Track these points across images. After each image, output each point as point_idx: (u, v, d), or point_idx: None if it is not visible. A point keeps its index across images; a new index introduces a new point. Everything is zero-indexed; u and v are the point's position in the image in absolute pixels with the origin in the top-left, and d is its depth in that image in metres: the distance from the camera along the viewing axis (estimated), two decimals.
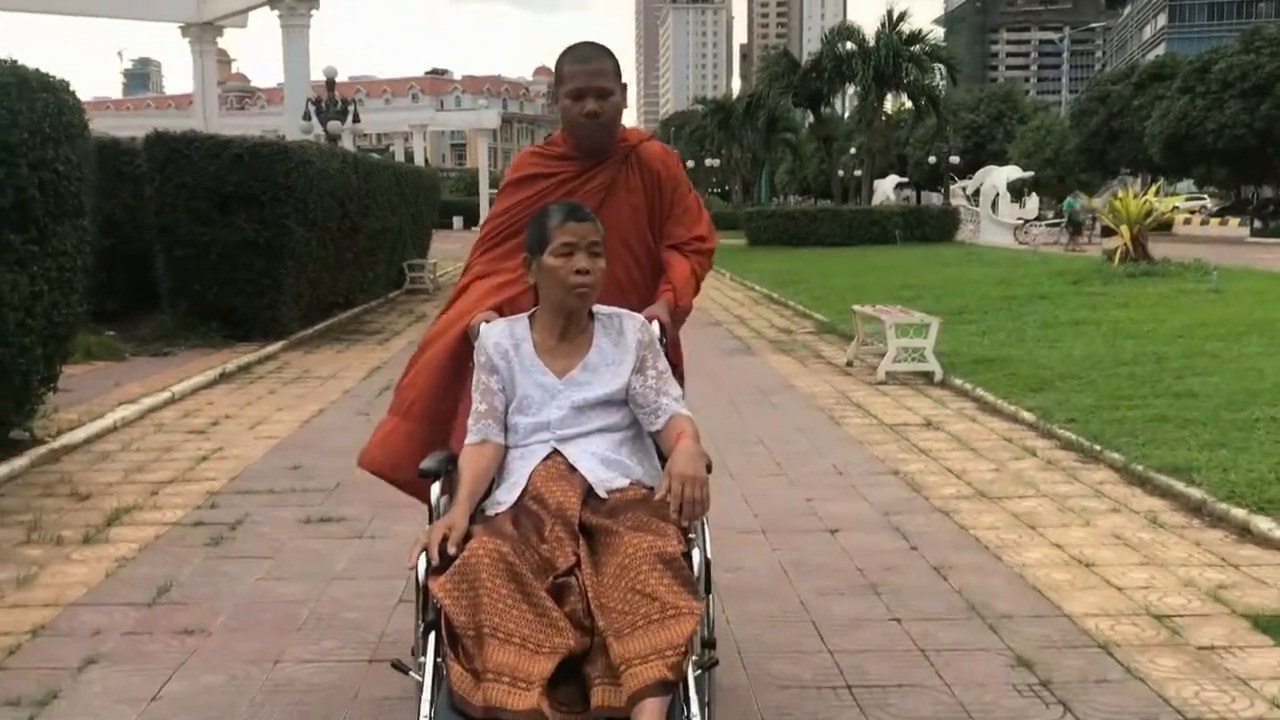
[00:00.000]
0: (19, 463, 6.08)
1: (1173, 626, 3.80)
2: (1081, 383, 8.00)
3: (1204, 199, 63.47)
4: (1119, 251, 16.11)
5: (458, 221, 52.73)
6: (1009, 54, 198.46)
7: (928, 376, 8.97)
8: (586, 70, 2.97)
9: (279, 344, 11.11)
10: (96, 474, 6.08)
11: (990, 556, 4.60)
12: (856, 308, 10.31)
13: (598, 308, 2.76)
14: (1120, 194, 17.50)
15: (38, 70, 6.08)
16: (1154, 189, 17.67)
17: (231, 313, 11.10)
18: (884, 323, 9.26)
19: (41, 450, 6.36)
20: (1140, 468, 5.74)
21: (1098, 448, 6.22)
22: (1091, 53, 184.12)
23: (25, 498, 5.58)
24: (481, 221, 3.13)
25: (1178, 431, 6.38)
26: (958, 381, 8.61)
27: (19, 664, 3.55)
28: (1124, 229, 16.05)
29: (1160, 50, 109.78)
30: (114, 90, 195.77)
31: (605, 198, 3.07)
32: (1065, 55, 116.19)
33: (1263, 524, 4.76)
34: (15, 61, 5.96)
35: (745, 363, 10.46)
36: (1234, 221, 46.87)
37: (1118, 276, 15.00)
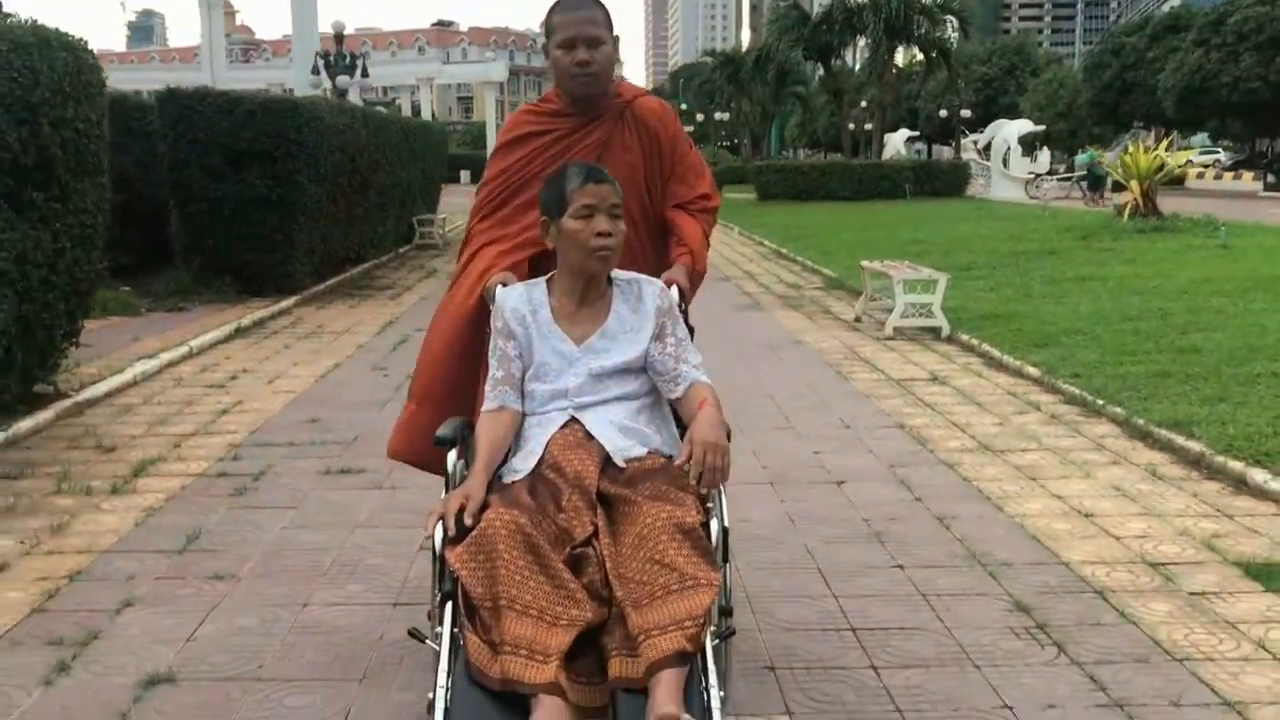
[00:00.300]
0: (44, 416, 6.23)
1: (1166, 574, 3.93)
2: (1086, 338, 8.10)
3: (1218, 153, 63.00)
4: (1129, 207, 16.11)
5: (465, 176, 52.63)
6: (1022, 4, 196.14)
7: (935, 332, 9.07)
8: (577, 19, 2.91)
9: (292, 299, 11.24)
10: (120, 427, 6.24)
11: (992, 507, 4.73)
12: (865, 263, 10.39)
13: (616, 273, 2.72)
14: (1130, 149, 17.46)
15: (57, 30, 6.15)
16: (1165, 143, 17.57)
17: (244, 268, 11.22)
18: (892, 278, 9.35)
19: (65, 404, 6.51)
20: (1141, 422, 5.85)
21: (1100, 402, 6.33)
22: (1106, 3, 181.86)
23: (52, 450, 5.74)
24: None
25: (1179, 386, 6.48)
26: (964, 337, 8.71)
27: (58, 607, 3.72)
28: (1134, 184, 16.04)
29: (1176, 0, 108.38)
30: (118, 43, 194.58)
31: (601, 155, 2.99)
32: (1080, 8, 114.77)
33: (1258, 476, 4.88)
34: (35, 21, 6.03)
35: (754, 318, 10.57)
36: (1247, 176, 46.53)
37: (1127, 232, 15.02)
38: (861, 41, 39.67)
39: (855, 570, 4.01)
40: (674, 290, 2.85)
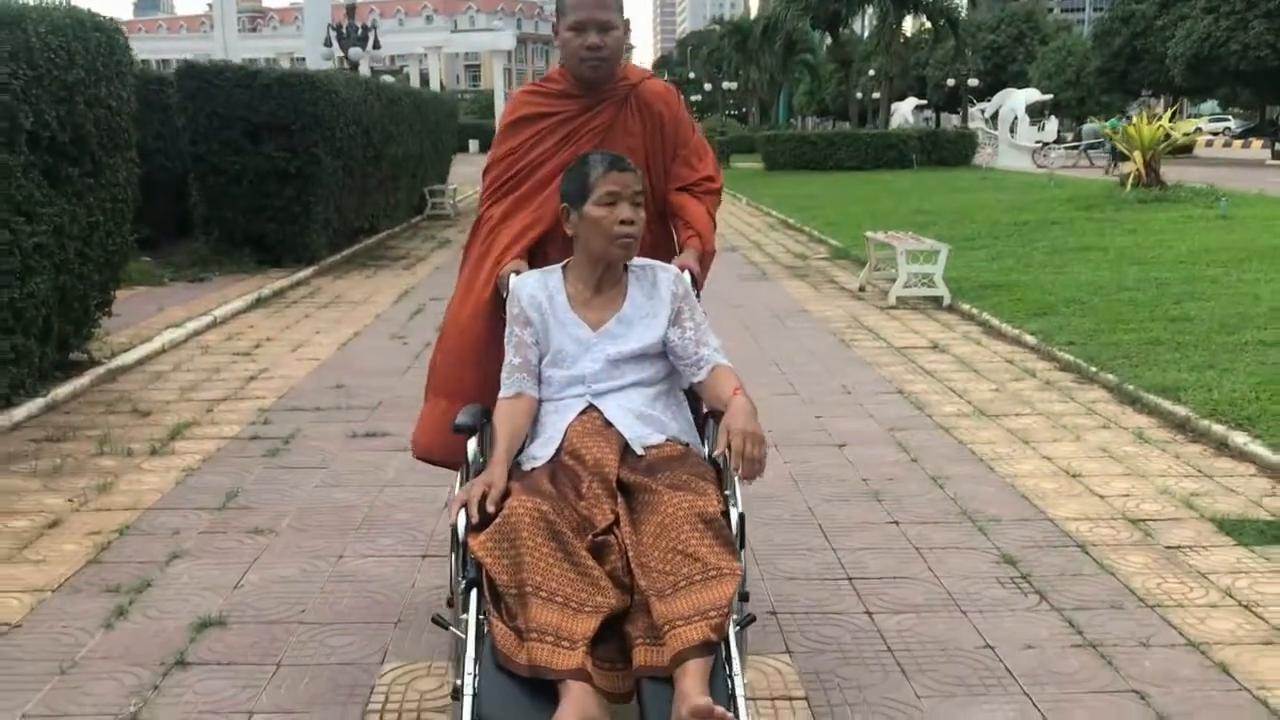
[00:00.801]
0: (81, 382, 6.51)
1: (1146, 529, 4.20)
2: (1084, 307, 8.33)
3: (1228, 120, 62.70)
4: (1132, 177, 16.26)
5: (473, 145, 52.66)
6: None
7: (937, 301, 9.30)
8: (589, 2, 2.90)
9: (309, 269, 11.51)
10: (153, 393, 6.52)
11: (984, 468, 4.99)
12: (869, 234, 10.61)
13: (631, 260, 2.76)
14: (1135, 119, 17.59)
15: (90, 11, 6.38)
16: (1169, 114, 17.68)
17: (263, 239, 11.48)
18: (895, 249, 9.57)
19: (99, 370, 6.79)
20: (1131, 387, 6.10)
21: (1093, 369, 6.57)
22: None
23: (90, 414, 6.02)
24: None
25: (1170, 354, 6.72)
26: (965, 306, 8.95)
27: (112, 558, 4.01)
28: (1136, 155, 16.20)
29: None
30: (125, 11, 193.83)
31: (605, 138, 3.01)
32: None
33: (1239, 438, 5.14)
34: (70, 3, 6.26)
35: (761, 288, 10.81)
36: (1256, 144, 46.39)
37: (1129, 202, 15.20)
38: (870, 10, 39.63)
39: (853, 525, 4.28)
40: (686, 275, 2.87)
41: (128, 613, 3.53)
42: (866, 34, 50.85)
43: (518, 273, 2.87)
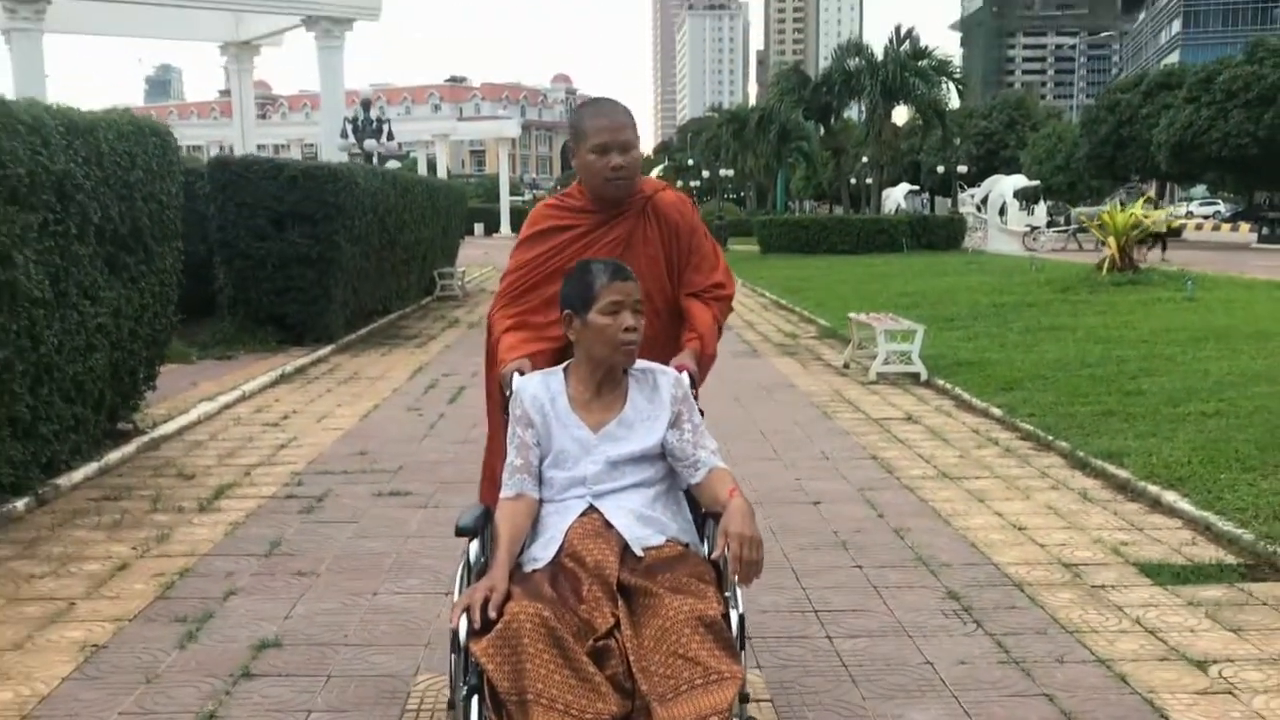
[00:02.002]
0: (128, 449, 7.17)
1: (1076, 572, 4.82)
2: (1047, 383, 9.01)
3: (1218, 204, 64.22)
4: (1107, 261, 17.09)
5: (478, 228, 53.91)
6: (1025, 59, 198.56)
7: (914, 377, 9.99)
8: (611, 125, 3.04)
9: (328, 348, 12.22)
10: (194, 458, 7.17)
11: (942, 522, 5.62)
12: (852, 315, 11.34)
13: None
14: (1109, 207, 18.49)
15: (148, 118, 7.20)
16: (1140, 201, 18.56)
17: (285, 319, 12.21)
18: (875, 329, 10.29)
19: (144, 439, 7.45)
20: (1082, 453, 6.74)
21: (1050, 437, 7.23)
22: (1108, 57, 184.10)
23: (141, 477, 6.66)
24: (501, 275, 3.36)
25: (1120, 424, 7.38)
26: (940, 382, 9.63)
27: (177, 595, 4.63)
28: (1111, 240, 17.04)
29: (1175, 56, 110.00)
30: (136, 97, 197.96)
31: (625, 249, 3.13)
32: (1078, 64, 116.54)
33: (1169, 496, 5.77)
34: (129, 109, 7.06)
35: (751, 364, 11.50)
36: (1245, 227, 47.60)
37: (1104, 285, 15.98)
38: (860, 103, 41.10)
39: (821, 569, 4.90)
40: (685, 376, 2.93)
41: (196, 637, 4.15)
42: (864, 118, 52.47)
43: (521, 371, 2.93)
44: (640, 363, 2.82)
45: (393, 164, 20.48)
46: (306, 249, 11.91)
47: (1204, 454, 6.41)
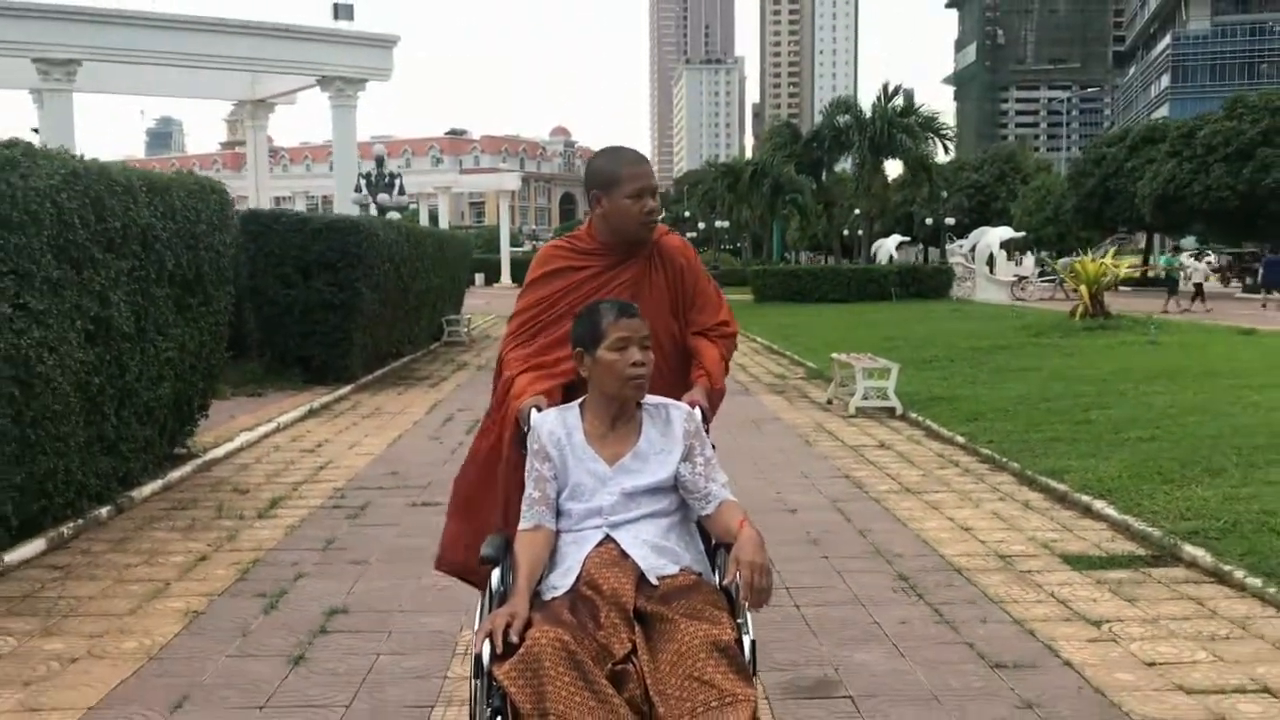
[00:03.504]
0: (186, 470, 8.08)
1: (1008, 561, 5.73)
2: (1008, 415, 9.96)
3: (1209, 255, 65.62)
4: (1079, 308, 18.12)
5: (479, 278, 55.04)
6: (1018, 111, 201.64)
7: (890, 411, 10.93)
8: (642, 172, 3.20)
9: (348, 387, 13.17)
10: (246, 477, 8.09)
11: (900, 525, 6.54)
12: (834, 356, 12.31)
13: (645, 398, 2.91)
14: (1080, 258, 19.61)
15: (210, 178, 8.19)
16: (1110, 252, 19.64)
17: (310, 360, 13.16)
18: (855, 368, 11.25)
19: (198, 461, 8.37)
20: (1030, 472, 7.67)
21: (1004, 459, 8.16)
22: (1100, 110, 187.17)
23: (201, 492, 7.58)
24: (510, 314, 3.48)
25: (1066, 448, 8.32)
26: (913, 415, 10.57)
27: (253, 578, 5.53)
28: (1082, 289, 18.10)
29: (1165, 110, 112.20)
30: (137, 149, 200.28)
31: (635, 291, 3.24)
32: (1070, 117, 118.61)
33: (1099, 504, 6.70)
34: (194, 170, 8.06)
35: (742, 401, 12.43)
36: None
37: (1075, 330, 17.00)
38: (850, 158, 42.51)
39: (794, 559, 5.82)
40: (696, 411, 3.03)
41: (277, 605, 5.06)
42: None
43: (538, 408, 3.02)
44: (653, 398, 2.92)
45: (393, 214, 21.49)
46: (330, 296, 12.88)
47: (1133, 470, 7.35)
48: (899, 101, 39.62)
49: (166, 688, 4.11)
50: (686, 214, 66.76)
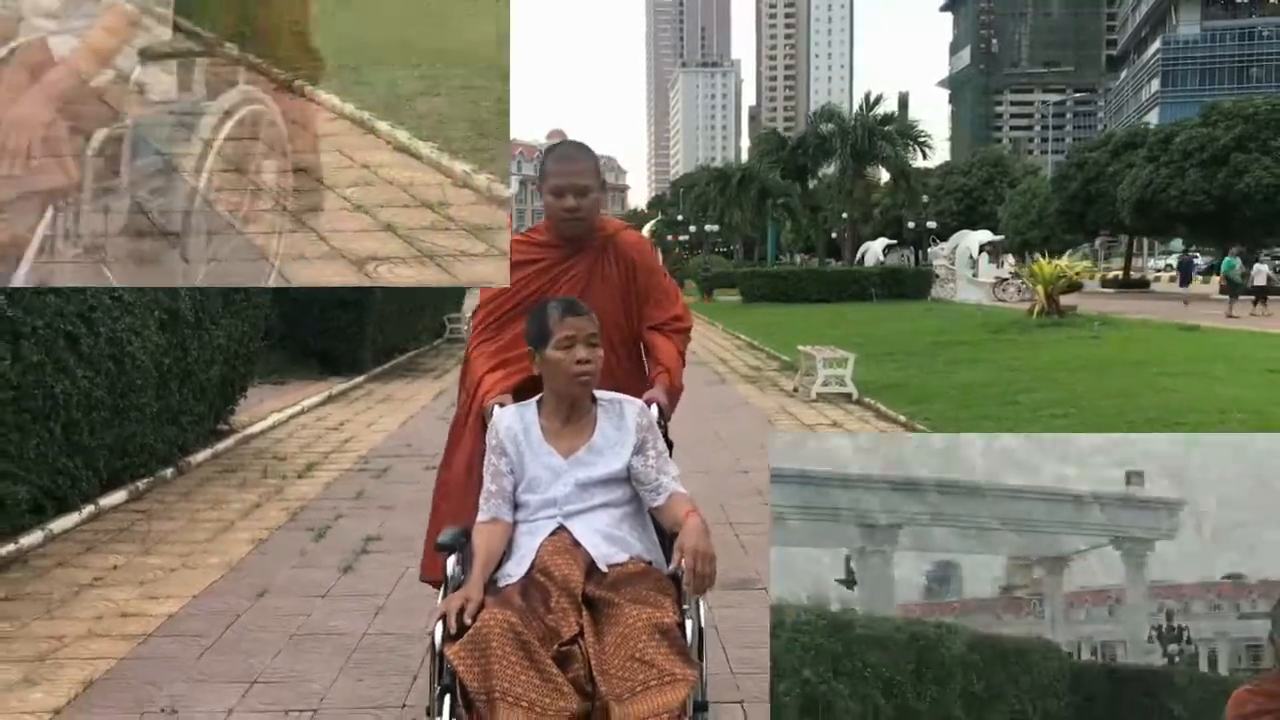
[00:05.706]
0: (229, 442, 9.39)
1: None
2: (949, 398, 11.30)
3: (1197, 258, 67.10)
4: (1035, 307, 19.48)
5: None
6: (1013, 114, 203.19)
7: (848, 396, 12.26)
8: (567, 170, 3.22)
9: (362, 377, 14.50)
10: (281, 448, 9.41)
11: None
12: (800, 348, 13.65)
13: (600, 394, 2.99)
14: (1038, 259, 20.99)
15: None
16: (1065, 257, 21.02)
17: (326, 353, 14.49)
18: (816, 358, 12.59)
19: (238, 435, 9.68)
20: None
21: (927, 429, 9.48)
22: (1094, 114, 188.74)
23: (245, 459, 8.90)
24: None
25: (990, 424, 9.64)
26: (867, 399, 11.90)
27: (302, 518, 6.85)
28: (1039, 289, 19.45)
29: (1155, 114, 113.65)
30: None
31: (585, 286, 3.31)
32: (1062, 119, 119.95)
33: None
34: None
35: (718, 389, 13.77)
36: (1215, 279, 50.11)
37: (1030, 327, 18.35)
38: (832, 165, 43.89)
39: (740, 507, 7.13)
40: (654, 408, 3.14)
41: (325, 535, 6.39)
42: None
43: (501, 404, 3.13)
44: (607, 394, 3.02)
45: None
46: (346, 294, 14.19)
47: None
48: (880, 110, 41.07)
49: (249, 585, 5.44)
50: (679, 217, 68.08)
